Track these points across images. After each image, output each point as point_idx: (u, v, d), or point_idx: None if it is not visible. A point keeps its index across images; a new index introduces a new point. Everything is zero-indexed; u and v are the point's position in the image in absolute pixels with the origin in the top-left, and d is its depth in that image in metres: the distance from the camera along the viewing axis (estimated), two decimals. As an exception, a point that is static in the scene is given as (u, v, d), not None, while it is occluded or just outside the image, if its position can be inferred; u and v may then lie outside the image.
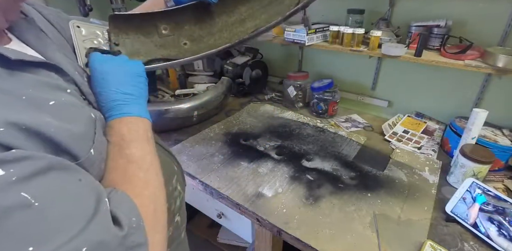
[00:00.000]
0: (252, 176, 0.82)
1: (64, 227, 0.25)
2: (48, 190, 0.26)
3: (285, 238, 0.67)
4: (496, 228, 0.62)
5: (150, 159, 0.39)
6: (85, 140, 0.32)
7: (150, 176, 0.38)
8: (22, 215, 0.23)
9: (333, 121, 1.13)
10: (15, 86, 0.29)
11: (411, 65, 1.02)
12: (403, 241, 0.62)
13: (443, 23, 0.89)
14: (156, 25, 0.61)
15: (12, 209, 0.23)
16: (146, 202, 0.35)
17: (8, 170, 0.24)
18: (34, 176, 0.25)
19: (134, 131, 0.39)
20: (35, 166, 0.25)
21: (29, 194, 0.24)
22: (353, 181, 0.80)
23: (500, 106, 0.93)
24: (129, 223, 0.30)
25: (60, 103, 0.31)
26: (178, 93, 1.22)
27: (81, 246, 0.25)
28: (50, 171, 0.26)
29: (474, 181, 0.70)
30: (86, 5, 1.08)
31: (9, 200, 0.23)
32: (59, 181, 0.27)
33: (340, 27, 1.00)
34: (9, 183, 0.23)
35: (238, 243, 1.28)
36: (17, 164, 0.24)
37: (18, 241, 0.23)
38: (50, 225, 0.25)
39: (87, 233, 0.26)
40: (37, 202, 0.24)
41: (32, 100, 0.29)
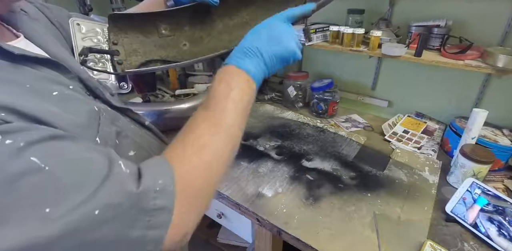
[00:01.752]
0: (252, 176, 0.82)
1: (76, 189, 0.26)
2: (57, 154, 0.26)
3: (285, 238, 0.67)
4: (496, 228, 0.62)
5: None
6: (88, 130, 0.33)
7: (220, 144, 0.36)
8: (34, 179, 0.24)
9: (333, 121, 1.13)
10: (19, 77, 0.30)
11: (411, 65, 1.02)
12: (403, 241, 0.62)
13: (443, 23, 0.89)
14: (156, 25, 0.60)
15: (24, 174, 0.23)
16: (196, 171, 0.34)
17: (15, 139, 0.24)
18: (41, 142, 0.25)
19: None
20: (41, 134, 0.26)
21: (39, 158, 0.24)
22: (353, 181, 0.80)
23: (500, 106, 0.93)
24: (152, 184, 0.29)
25: (63, 94, 0.32)
26: (178, 93, 1.22)
27: (94, 208, 0.26)
28: (57, 138, 0.27)
29: (474, 181, 0.70)
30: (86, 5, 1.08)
31: (20, 166, 0.24)
32: (67, 146, 0.27)
33: (340, 27, 1.00)
34: (18, 149, 0.24)
35: (238, 243, 1.28)
36: (23, 132, 0.25)
37: (33, 204, 0.24)
38: (61, 188, 0.25)
39: (99, 195, 0.26)
40: (47, 166, 0.25)
41: (36, 89, 0.30)
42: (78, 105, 0.34)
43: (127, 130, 0.42)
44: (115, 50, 0.56)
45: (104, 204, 0.26)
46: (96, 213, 0.25)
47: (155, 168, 0.32)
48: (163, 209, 0.29)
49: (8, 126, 0.25)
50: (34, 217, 0.23)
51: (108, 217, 0.26)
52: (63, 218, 0.24)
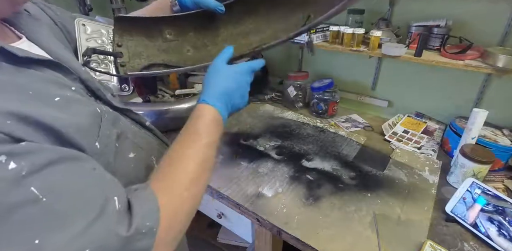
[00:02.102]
0: (252, 176, 0.82)
1: (70, 224, 0.26)
2: (56, 185, 0.26)
3: (285, 238, 0.67)
4: (496, 228, 0.62)
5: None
6: (89, 134, 0.33)
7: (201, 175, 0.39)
8: (30, 210, 0.24)
9: (333, 121, 1.13)
10: (23, 81, 0.30)
11: (411, 65, 1.02)
12: (403, 241, 0.62)
13: (443, 23, 0.89)
14: (161, 30, 0.61)
15: (21, 204, 0.23)
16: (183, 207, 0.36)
17: (19, 163, 0.24)
18: (43, 169, 0.25)
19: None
20: (45, 158, 0.26)
21: (38, 189, 0.24)
22: (353, 181, 0.80)
23: (500, 106, 0.93)
24: (140, 227, 0.30)
25: (65, 98, 0.32)
26: (178, 93, 1.22)
27: (84, 247, 0.26)
28: (60, 163, 0.27)
29: (474, 181, 0.70)
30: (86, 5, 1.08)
31: (19, 196, 0.23)
32: (68, 172, 0.27)
33: (340, 27, 1.00)
34: (19, 178, 0.24)
35: (238, 243, 1.28)
36: (27, 156, 0.25)
37: (25, 234, 0.23)
38: (56, 221, 0.25)
39: (91, 233, 0.26)
40: (44, 198, 0.24)
41: (39, 95, 0.30)
42: (81, 107, 0.34)
43: (127, 132, 0.42)
44: (118, 52, 0.56)
45: (95, 245, 0.26)
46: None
47: (145, 206, 0.32)
48: (145, 250, 0.30)
49: (14, 147, 0.25)
50: (21, 247, 0.23)
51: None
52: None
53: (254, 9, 0.64)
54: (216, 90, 0.45)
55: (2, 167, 0.23)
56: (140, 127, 0.48)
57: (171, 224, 0.33)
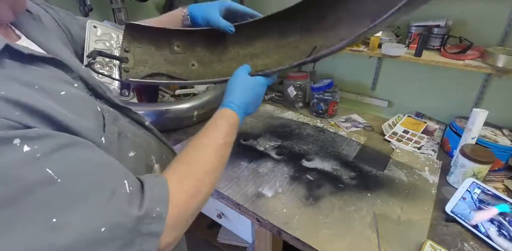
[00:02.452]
0: (252, 176, 0.82)
1: (84, 204, 0.27)
2: (70, 166, 0.27)
3: (285, 238, 0.67)
4: (496, 228, 0.62)
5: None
6: (95, 129, 0.34)
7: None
8: (46, 190, 0.25)
9: (333, 121, 1.13)
10: (28, 77, 0.30)
11: (411, 65, 1.02)
12: (403, 241, 0.62)
13: (443, 23, 0.89)
14: (170, 41, 0.62)
15: (37, 185, 0.24)
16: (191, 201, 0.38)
17: (32, 147, 0.25)
18: (56, 152, 0.26)
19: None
20: (57, 142, 0.27)
21: (52, 170, 0.25)
22: (353, 181, 0.80)
23: (500, 106, 0.93)
24: (150, 211, 0.31)
25: (70, 93, 0.33)
26: (178, 93, 1.22)
27: (100, 225, 0.27)
28: (71, 147, 0.28)
29: (474, 181, 0.70)
30: (86, 5, 1.07)
31: (35, 176, 0.24)
32: (81, 156, 0.29)
33: (340, 27, 1.00)
34: (34, 159, 0.25)
35: (238, 243, 1.28)
36: (40, 140, 0.26)
37: (43, 213, 0.24)
38: (71, 201, 0.26)
39: (105, 212, 0.28)
40: (59, 179, 0.26)
41: (44, 90, 0.30)
42: (85, 104, 0.34)
43: (127, 131, 0.42)
44: (124, 57, 0.56)
45: (110, 224, 0.27)
46: (102, 231, 0.27)
47: (157, 191, 0.33)
48: (153, 234, 0.31)
49: (27, 131, 0.25)
50: (40, 226, 0.24)
51: (112, 236, 0.27)
52: (69, 229, 0.25)
53: (265, 33, 0.66)
54: (241, 99, 0.51)
55: (17, 149, 0.24)
56: (139, 126, 0.48)
57: (177, 217, 0.34)
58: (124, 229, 0.28)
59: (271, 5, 1.28)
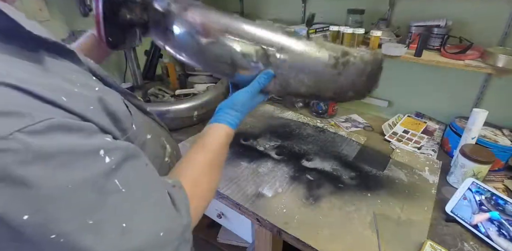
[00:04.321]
0: (252, 176, 0.82)
1: (144, 212, 0.29)
2: (129, 177, 0.29)
3: (285, 238, 0.67)
4: (496, 228, 0.62)
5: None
6: (127, 117, 0.35)
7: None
8: (115, 199, 0.27)
9: (333, 121, 1.13)
10: (64, 71, 0.31)
11: (411, 65, 1.02)
12: (403, 241, 0.62)
13: (443, 23, 0.89)
14: None
15: (110, 194, 0.27)
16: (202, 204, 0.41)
17: (111, 158, 0.27)
18: (123, 163, 0.29)
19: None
20: (125, 153, 0.29)
21: (119, 181, 0.28)
22: (353, 181, 0.80)
23: (500, 106, 0.93)
24: (187, 220, 0.34)
25: (100, 87, 0.34)
26: (178, 93, 1.22)
27: (159, 230, 0.30)
28: (129, 159, 0.30)
29: (474, 181, 0.70)
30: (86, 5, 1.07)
31: (109, 186, 0.27)
32: (138, 166, 0.31)
33: (340, 27, 1.00)
34: (111, 170, 0.27)
35: (238, 243, 1.28)
36: (116, 151, 0.28)
37: (115, 219, 0.27)
38: (134, 209, 0.29)
39: (160, 219, 0.31)
40: (124, 189, 0.28)
41: (84, 85, 0.31)
42: (114, 94, 0.35)
43: (138, 116, 0.44)
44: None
45: (165, 229, 0.30)
46: (161, 235, 0.29)
47: (185, 203, 0.36)
48: (189, 241, 0.34)
49: (108, 142, 0.28)
50: (116, 229, 0.27)
51: (168, 240, 0.30)
52: (136, 233, 0.28)
53: None
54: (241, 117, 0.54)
55: (102, 160, 0.27)
56: (142, 113, 0.49)
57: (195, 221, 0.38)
58: (175, 234, 0.31)
59: (269, 6, 1.28)
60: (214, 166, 0.46)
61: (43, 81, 0.26)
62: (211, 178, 0.44)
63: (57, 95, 0.25)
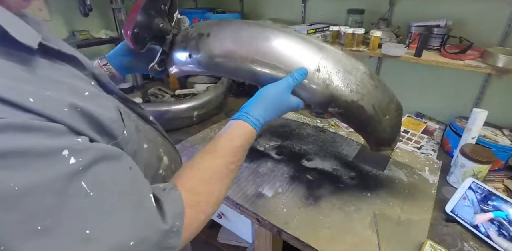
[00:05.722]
0: (252, 176, 0.82)
1: (114, 217, 0.27)
2: (102, 181, 0.28)
3: (285, 238, 0.67)
4: (496, 228, 0.62)
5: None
6: (118, 123, 0.34)
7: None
8: (80, 203, 0.25)
9: (333, 121, 1.13)
10: (56, 75, 0.31)
11: (411, 65, 1.02)
12: (403, 241, 0.62)
13: (443, 23, 0.89)
14: None
15: (74, 197, 0.25)
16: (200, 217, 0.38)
17: (77, 159, 0.26)
18: (94, 165, 0.27)
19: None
20: (95, 155, 0.28)
21: (87, 184, 0.26)
22: (353, 181, 0.80)
23: (500, 106, 0.93)
24: (172, 225, 0.32)
25: (92, 93, 0.33)
26: (178, 93, 1.22)
27: (130, 239, 0.27)
28: (104, 161, 0.28)
29: (474, 181, 0.70)
30: (86, 5, 1.07)
31: (73, 189, 0.25)
32: (113, 169, 0.29)
33: (340, 27, 1.00)
34: (76, 172, 0.26)
35: (238, 243, 1.28)
36: (85, 153, 0.27)
37: (77, 224, 0.25)
38: (103, 214, 0.27)
39: (134, 226, 0.28)
40: (92, 192, 0.26)
41: (72, 88, 0.31)
42: (105, 100, 0.35)
43: (138, 124, 0.43)
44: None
45: (138, 237, 0.28)
46: (131, 244, 0.27)
47: (174, 207, 0.34)
48: (172, 248, 0.32)
49: (75, 142, 0.26)
50: (75, 237, 0.25)
51: (139, 250, 0.28)
52: (101, 242, 0.26)
53: None
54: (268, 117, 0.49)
55: (64, 161, 0.25)
56: (145, 121, 0.49)
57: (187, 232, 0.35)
58: (150, 243, 0.29)
59: (269, 6, 1.28)
60: (221, 174, 0.41)
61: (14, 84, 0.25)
62: (213, 189, 0.40)
63: (23, 97, 0.25)
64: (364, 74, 0.56)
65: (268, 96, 0.49)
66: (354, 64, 0.55)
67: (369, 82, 0.56)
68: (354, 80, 0.55)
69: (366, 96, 0.56)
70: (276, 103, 0.49)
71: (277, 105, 0.49)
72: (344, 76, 0.54)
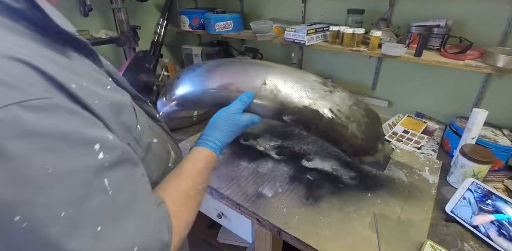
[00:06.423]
0: (252, 176, 0.82)
1: (126, 220, 0.28)
2: (121, 181, 0.28)
3: (285, 238, 0.67)
4: (496, 228, 0.62)
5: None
6: (133, 118, 0.36)
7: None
8: (100, 199, 0.26)
9: (333, 121, 1.13)
10: (86, 67, 0.33)
11: (411, 65, 1.02)
12: (403, 241, 0.62)
13: (443, 23, 0.89)
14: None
15: (96, 192, 0.25)
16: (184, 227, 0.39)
17: (105, 155, 0.26)
18: (118, 165, 0.28)
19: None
20: (120, 155, 0.28)
21: (109, 182, 0.26)
22: (353, 181, 0.80)
23: (500, 106, 0.93)
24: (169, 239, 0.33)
25: (112, 87, 0.35)
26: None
27: (135, 244, 0.28)
28: (126, 163, 0.29)
29: (474, 181, 0.70)
30: (86, 5, 1.07)
31: (96, 184, 0.25)
32: (131, 173, 0.30)
33: (340, 27, 1.00)
34: (102, 168, 0.26)
35: (238, 243, 1.27)
36: (113, 150, 0.27)
37: (91, 220, 0.25)
38: (116, 214, 0.27)
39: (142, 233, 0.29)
40: (111, 191, 0.26)
41: (99, 81, 0.32)
42: (122, 95, 0.36)
43: (148, 121, 0.45)
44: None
45: (142, 245, 0.28)
46: (135, 250, 0.27)
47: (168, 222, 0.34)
48: None
49: (107, 139, 0.27)
50: (88, 231, 0.25)
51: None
52: (109, 242, 0.26)
53: None
54: (226, 139, 0.52)
55: (94, 154, 0.25)
56: (151, 119, 0.50)
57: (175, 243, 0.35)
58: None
59: (269, 6, 1.28)
60: (189, 196, 0.41)
61: (59, 69, 0.26)
62: (183, 209, 0.39)
63: (68, 81, 0.26)
64: (315, 82, 0.58)
65: (220, 120, 0.53)
66: (303, 74, 0.58)
67: (321, 88, 0.58)
68: (303, 87, 0.56)
69: (318, 100, 0.57)
70: (228, 125, 0.53)
71: (230, 126, 0.53)
72: (291, 85, 0.56)
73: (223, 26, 1.26)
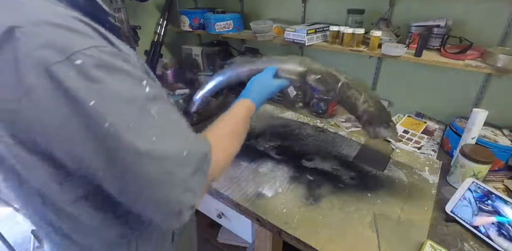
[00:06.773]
0: (252, 176, 0.82)
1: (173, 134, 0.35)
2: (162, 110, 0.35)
3: (285, 238, 0.67)
4: (496, 228, 0.62)
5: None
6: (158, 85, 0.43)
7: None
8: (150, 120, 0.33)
9: (333, 121, 1.13)
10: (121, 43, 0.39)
11: (411, 65, 1.02)
12: (403, 241, 0.62)
13: (443, 23, 0.89)
14: None
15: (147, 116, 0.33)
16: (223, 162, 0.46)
17: (150, 90, 0.34)
18: (157, 99, 0.35)
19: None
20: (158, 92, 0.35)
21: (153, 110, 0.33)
22: (353, 181, 0.80)
23: (500, 106, 0.93)
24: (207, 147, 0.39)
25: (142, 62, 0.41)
26: (178, 93, 1.22)
27: (183, 150, 0.34)
28: (162, 99, 0.36)
29: (474, 181, 0.70)
30: (86, 5, 1.07)
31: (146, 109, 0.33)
32: (166, 106, 0.36)
33: (340, 27, 1.00)
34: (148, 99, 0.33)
35: (238, 243, 1.28)
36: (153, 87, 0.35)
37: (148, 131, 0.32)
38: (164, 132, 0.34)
39: (188, 142, 0.36)
40: (157, 117, 0.33)
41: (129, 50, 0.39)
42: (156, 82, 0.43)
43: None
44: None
45: (190, 151, 0.35)
46: (184, 155, 0.34)
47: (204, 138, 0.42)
48: (204, 174, 0.37)
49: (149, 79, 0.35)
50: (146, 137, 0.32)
51: (188, 161, 0.34)
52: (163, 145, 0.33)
53: None
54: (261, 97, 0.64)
55: (144, 88, 0.33)
56: None
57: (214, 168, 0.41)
58: (195, 158, 0.35)
59: (269, 6, 1.28)
60: (234, 134, 0.51)
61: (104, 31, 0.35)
62: (230, 142, 0.49)
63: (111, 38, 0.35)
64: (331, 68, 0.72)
65: (257, 82, 0.65)
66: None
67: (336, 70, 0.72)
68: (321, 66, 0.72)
69: (335, 71, 0.71)
70: (264, 86, 0.65)
71: (265, 86, 0.65)
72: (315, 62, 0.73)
73: (223, 26, 1.26)
